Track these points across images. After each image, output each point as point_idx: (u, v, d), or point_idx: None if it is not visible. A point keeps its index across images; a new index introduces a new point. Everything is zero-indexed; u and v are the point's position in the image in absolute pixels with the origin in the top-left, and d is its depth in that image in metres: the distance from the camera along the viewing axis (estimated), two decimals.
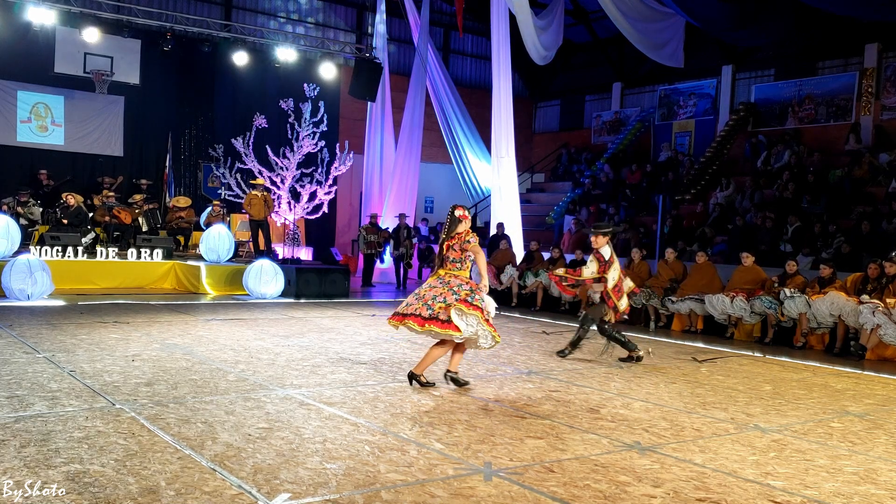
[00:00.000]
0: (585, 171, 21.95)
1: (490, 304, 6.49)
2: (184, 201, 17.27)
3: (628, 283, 8.42)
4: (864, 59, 17.72)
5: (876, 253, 11.83)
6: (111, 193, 16.45)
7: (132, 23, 17.28)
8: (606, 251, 8.20)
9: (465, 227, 6.52)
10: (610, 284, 8.15)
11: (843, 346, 9.84)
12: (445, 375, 6.64)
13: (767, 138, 18.65)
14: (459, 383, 6.60)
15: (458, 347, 6.58)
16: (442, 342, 6.49)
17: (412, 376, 6.62)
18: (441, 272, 6.51)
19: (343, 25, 22.29)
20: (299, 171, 18.17)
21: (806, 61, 18.92)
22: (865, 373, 8.57)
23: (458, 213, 6.53)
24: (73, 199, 15.10)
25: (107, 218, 15.65)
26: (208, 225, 15.93)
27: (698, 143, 20.64)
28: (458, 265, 6.47)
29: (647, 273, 12.52)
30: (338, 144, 18.88)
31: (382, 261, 18.51)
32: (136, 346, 8.07)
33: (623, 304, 8.29)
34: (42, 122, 17.59)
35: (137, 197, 16.76)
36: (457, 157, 21.46)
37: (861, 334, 9.58)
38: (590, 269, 8.29)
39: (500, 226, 16.64)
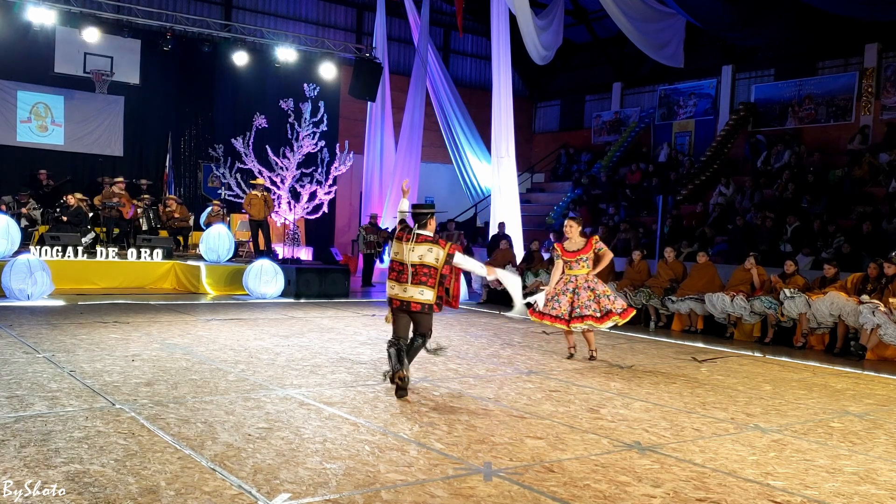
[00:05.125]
0: (586, 172, 21.95)
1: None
2: (172, 202, 17.11)
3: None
4: (864, 59, 17.72)
5: (876, 253, 11.82)
6: (119, 179, 16.22)
7: (132, 23, 17.28)
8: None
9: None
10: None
11: (843, 346, 9.84)
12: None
13: (767, 138, 18.65)
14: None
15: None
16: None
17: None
18: None
19: (343, 25, 22.28)
20: (299, 171, 18.16)
21: (806, 61, 18.92)
22: (865, 373, 8.57)
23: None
24: (73, 199, 15.10)
25: (109, 205, 15.52)
26: (208, 225, 15.92)
27: (698, 143, 20.64)
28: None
29: (647, 273, 12.52)
30: (338, 144, 18.88)
31: (382, 261, 18.50)
32: (136, 346, 8.07)
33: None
34: (42, 122, 17.59)
35: (144, 197, 16.75)
36: (457, 157, 21.45)
37: (861, 334, 9.58)
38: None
39: (501, 226, 16.63)
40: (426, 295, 6.23)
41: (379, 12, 20.18)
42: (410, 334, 6.40)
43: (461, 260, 6.39)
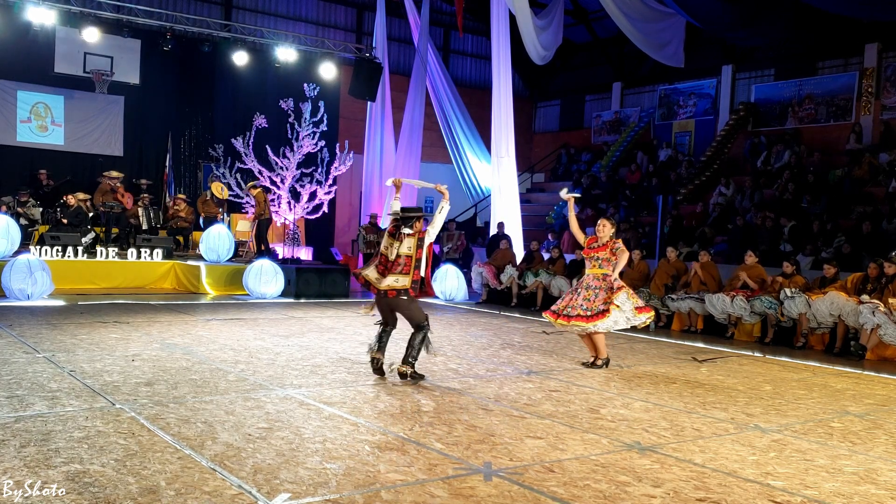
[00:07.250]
0: (586, 173, 21.95)
1: None
2: (181, 201, 17.13)
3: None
4: (864, 59, 17.71)
5: (876, 253, 11.82)
6: (115, 173, 16.23)
7: (132, 23, 17.26)
8: None
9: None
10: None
11: (843, 346, 9.84)
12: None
13: (767, 138, 18.64)
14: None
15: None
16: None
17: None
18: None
19: (343, 25, 22.28)
20: (299, 171, 18.16)
21: (806, 61, 18.92)
22: (865, 373, 8.57)
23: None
24: (73, 199, 15.10)
25: (109, 205, 15.51)
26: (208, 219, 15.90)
27: (698, 143, 20.64)
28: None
29: (647, 273, 12.51)
30: (338, 144, 18.87)
31: None
32: (136, 346, 8.07)
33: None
34: (42, 122, 17.57)
35: (143, 196, 16.75)
36: (457, 157, 21.45)
37: (861, 334, 9.58)
38: None
39: (501, 226, 16.65)
40: (401, 281, 6.75)
41: (379, 12, 20.17)
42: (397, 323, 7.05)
43: (431, 229, 6.97)
